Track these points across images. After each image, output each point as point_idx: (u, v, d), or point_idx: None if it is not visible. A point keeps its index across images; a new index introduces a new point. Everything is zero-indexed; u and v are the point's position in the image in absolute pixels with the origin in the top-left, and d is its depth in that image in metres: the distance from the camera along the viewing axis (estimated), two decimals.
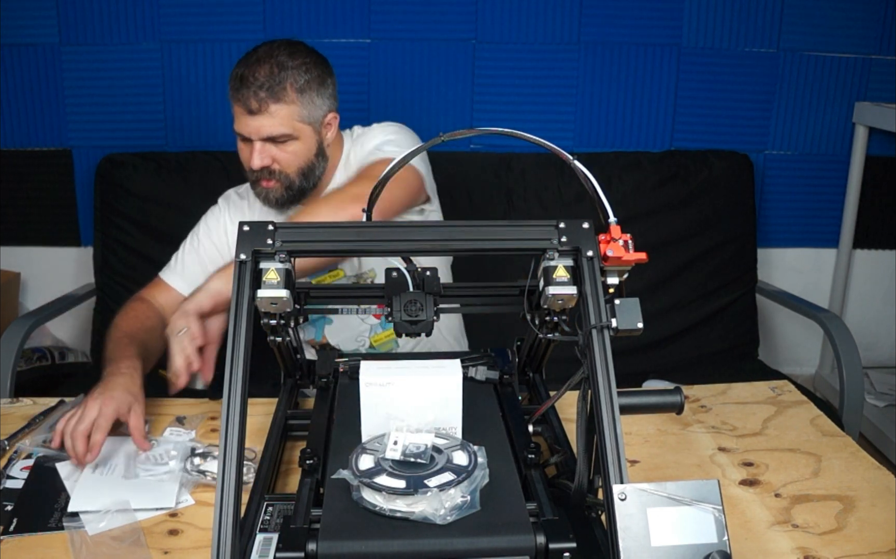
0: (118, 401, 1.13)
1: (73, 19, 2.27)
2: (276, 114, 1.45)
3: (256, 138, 1.47)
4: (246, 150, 1.51)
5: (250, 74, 1.44)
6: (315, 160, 1.53)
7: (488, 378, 1.13)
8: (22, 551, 0.91)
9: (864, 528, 0.98)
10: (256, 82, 1.43)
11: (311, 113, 1.49)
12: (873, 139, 2.48)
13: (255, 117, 1.44)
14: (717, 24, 2.39)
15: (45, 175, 2.39)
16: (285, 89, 1.44)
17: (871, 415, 2.41)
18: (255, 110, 1.44)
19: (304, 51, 1.50)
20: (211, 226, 1.64)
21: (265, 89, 1.43)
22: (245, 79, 1.44)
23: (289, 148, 1.48)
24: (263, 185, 1.52)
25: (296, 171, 1.51)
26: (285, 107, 1.45)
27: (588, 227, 0.87)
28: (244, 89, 1.44)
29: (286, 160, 1.49)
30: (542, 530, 0.78)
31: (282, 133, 1.46)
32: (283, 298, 0.86)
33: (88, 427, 1.08)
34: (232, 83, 1.47)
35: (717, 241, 2.34)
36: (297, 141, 1.49)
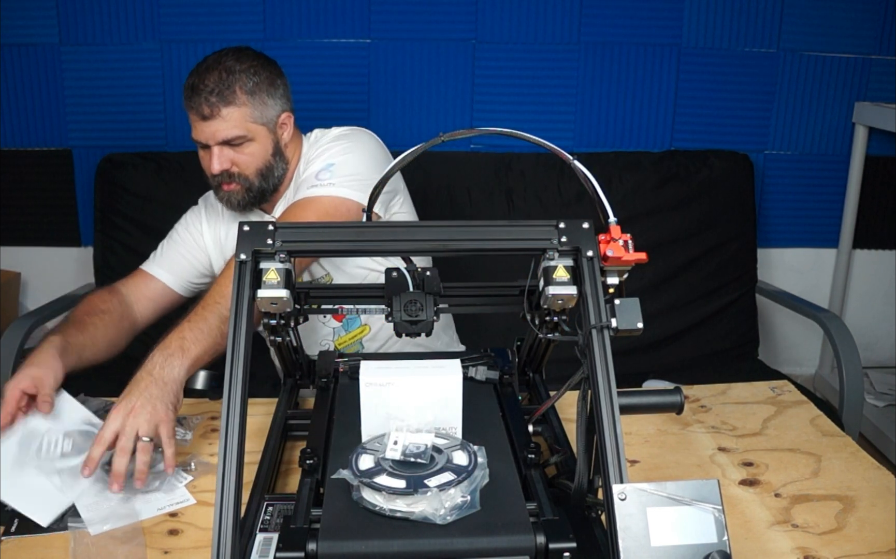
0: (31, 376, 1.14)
1: (73, 19, 2.27)
2: (228, 117, 1.48)
3: (213, 143, 1.51)
4: (206, 157, 1.55)
5: (200, 82, 1.48)
6: (273, 160, 1.55)
7: (488, 378, 1.13)
8: (22, 552, 0.91)
9: (864, 528, 0.98)
10: (206, 89, 1.47)
11: (262, 114, 1.52)
12: (873, 139, 2.48)
13: (209, 123, 1.49)
14: (717, 24, 2.39)
15: (45, 175, 2.39)
16: (234, 92, 1.48)
17: (871, 415, 2.41)
18: (208, 116, 1.48)
19: (251, 55, 1.54)
20: (189, 222, 1.70)
21: (215, 94, 1.47)
22: (196, 87, 1.49)
23: (245, 150, 1.52)
24: (224, 189, 1.55)
25: (254, 173, 1.54)
26: (236, 109, 1.48)
27: (588, 227, 0.87)
28: (195, 97, 1.48)
29: (244, 162, 1.52)
30: (542, 530, 0.78)
31: (236, 135, 1.50)
32: (283, 298, 0.86)
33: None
34: (185, 93, 1.52)
35: (717, 241, 2.34)
36: (252, 142, 1.52)
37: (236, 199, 1.56)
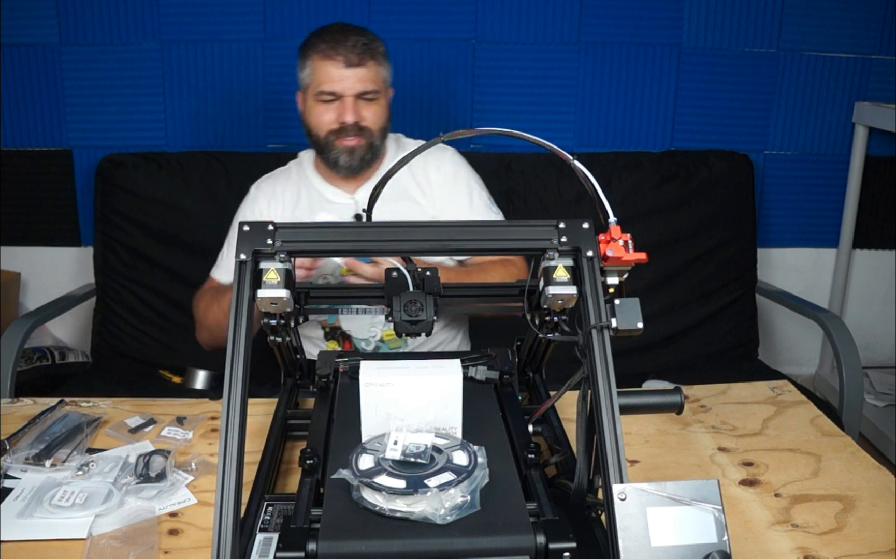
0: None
1: (73, 19, 2.27)
2: (371, 68, 1.59)
3: (350, 93, 1.58)
4: (328, 111, 1.61)
5: (345, 34, 1.58)
6: (387, 122, 1.66)
7: (488, 378, 1.13)
8: (22, 552, 0.91)
9: (864, 528, 0.98)
10: (353, 40, 1.58)
11: (388, 77, 1.65)
12: (873, 139, 2.48)
13: (354, 70, 1.57)
14: (717, 24, 2.39)
15: (45, 175, 2.39)
16: (378, 50, 1.61)
17: (871, 415, 2.41)
18: (355, 63, 1.57)
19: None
20: (247, 213, 1.76)
21: (363, 46, 1.58)
22: (343, 35, 1.58)
23: (374, 105, 1.61)
24: (347, 143, 1.61)
25: (378, 130, 1.63)
26: (377, 65, 1.60)
27: (588, 227, 0.87)
28: (342, 45, 1.57)
29: (372, 118, 1.61)
30: (542, 530, 0.78)
31: (373, 88, 1.60)
32: (283, 298, 0.86)
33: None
34: (321, 44, 1.60)
35: (717, 241, 2.34)
36: (381, 100, 1.63)
37: (358, 154, 1.62)
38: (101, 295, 2.24)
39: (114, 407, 1.27)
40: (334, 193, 1.69)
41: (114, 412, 1.25)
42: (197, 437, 1.18)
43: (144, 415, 1.23)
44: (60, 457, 1.08)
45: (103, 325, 2.24)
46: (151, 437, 1.17)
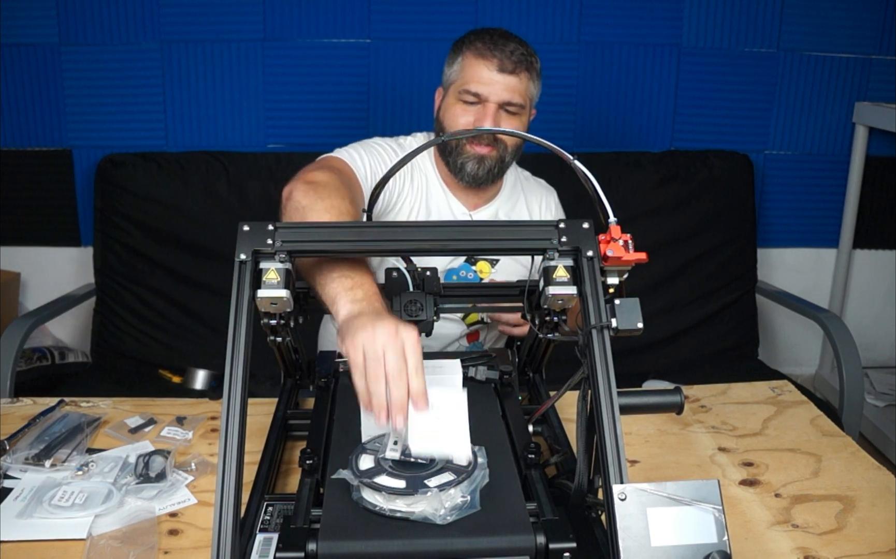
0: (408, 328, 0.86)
1: (73, 19, 2.27)
2: (523, 80, 1.48)
3: (495, 100, 1.46)
4: (467, 112, 1.48)
5: (505, 40, 1.48)
6: (522, 145, 1.57)
7: (488, 378, 1.13)
8: (22, 552, 0.91)
9: (864, 528, 0.98)
10: (512, 47, 1.46)
11: (535, 96, 1.54)
12: (873, 139, 2.48)
13: (506, 77, 1.46)
14: (717, 24, 2.39)
15: (45, 175, 2.39)
16: (535, 65, 1.50)
17: (871, 415, 2.41)
18: (509, 70, 1.45)
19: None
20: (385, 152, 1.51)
21: (521, 55, 1.47)
22: (503, 39, 1.48)
23: (514, 121, 1.50)
24: (479, 150, 1.50)
25: (513, 146, 1.53)
26: (529, 80, 1.49)
27: (588, 227, 0.87)
28: (502, 48, 1.46)
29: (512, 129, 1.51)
30: (542, 530, 0.78)
31: (519, 102, 1.48)
32: (283, 298, 0.86)
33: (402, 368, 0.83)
34: (478, 42, 1.48)
35: (717, 241, 2.34)
36: (523, 116, 1.51)
37: (487, 165, 1.51)
38: (100, 295, 2.24)
39: (114, 407, 1.27)
40: (455, 204, 1.57)
41: (114, 412, 1.25)
42: (197, 437, 1.18)
43: (144, 415, 1.23)
44: (60, 458, 1.08)
45: (103, 325, 2.24)
46: (151, 437, 1.17)
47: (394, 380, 0.82)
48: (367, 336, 0.83)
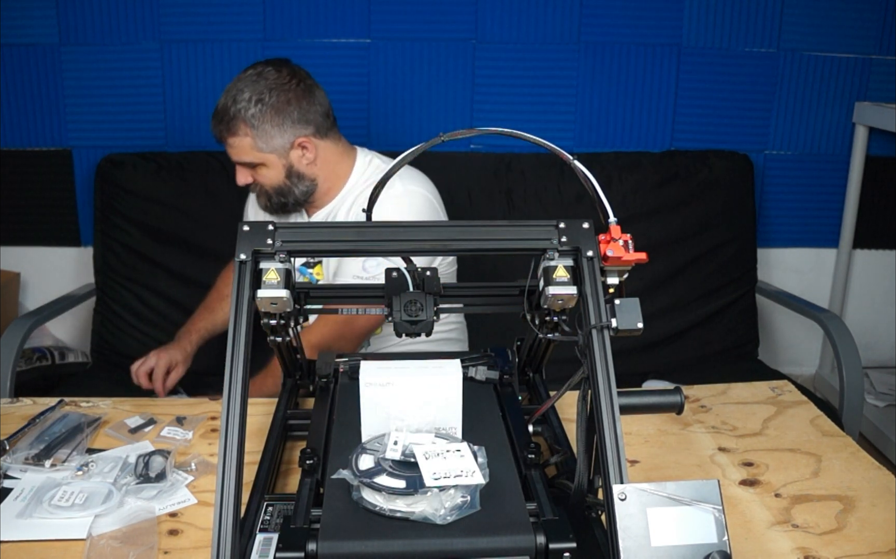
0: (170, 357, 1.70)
1: (73, 19, 2.27)
2: (234, 144, 1.59)
3: (234, 161, 1.63)
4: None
5: (218, 106, 1.59)
6: (287, 182, 1.63)
7: (488, 378, 1.13)
8: (22, 552, 0.91)
9: (864, 528, 0.98)
10: (218, 116, 1.58)
11: (267, 143, 1.58)
12: (873, 139, 2.48)
13: (225, 145, 1.61)
14: (717, 24, 2.39)
15: (45, 175, 2.39)
16: (237, 124, 1.57)
17: (871, 415, 2.41)
18: (220, 140, 1.61)
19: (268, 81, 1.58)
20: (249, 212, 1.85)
21: (223, 123, 1.57)
22: (215, 112, 1.59)
23: (259, 171, 1.62)
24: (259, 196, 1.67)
25: (272, 190, 1.64)
26: (240, 139, 1.58)
27: (588, 227, 0.87)
28: (213, 121, 1.60)
29: (260, 179, 1.63)
30: (542, 530, 0.78)
31: (246, 160, 1.60)
32: (283, 298, 0.86)
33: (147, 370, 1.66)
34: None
35: (717, 241, 2.34)
36: (263, 166, 1.61)
37: (265, 205, 1.67)
38: (100, 295, 2.24)
39: (114, 407, 1.27)
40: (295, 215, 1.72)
41: (114, 412, 1.25)
42: (197, 437, 1.18)
43: (144, 415, 1.23)
44: (60, 458, 1.08)
45: (103, 325, 2.24)
46: (151, 437, 1.17)
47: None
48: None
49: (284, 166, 1.61)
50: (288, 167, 1.61)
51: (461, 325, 1.84)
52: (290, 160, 1.61)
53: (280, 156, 1.60)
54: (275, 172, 1.60)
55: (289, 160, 1.61)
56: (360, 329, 1.63)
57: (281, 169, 1.61)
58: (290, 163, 1.61)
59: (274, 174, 1.61)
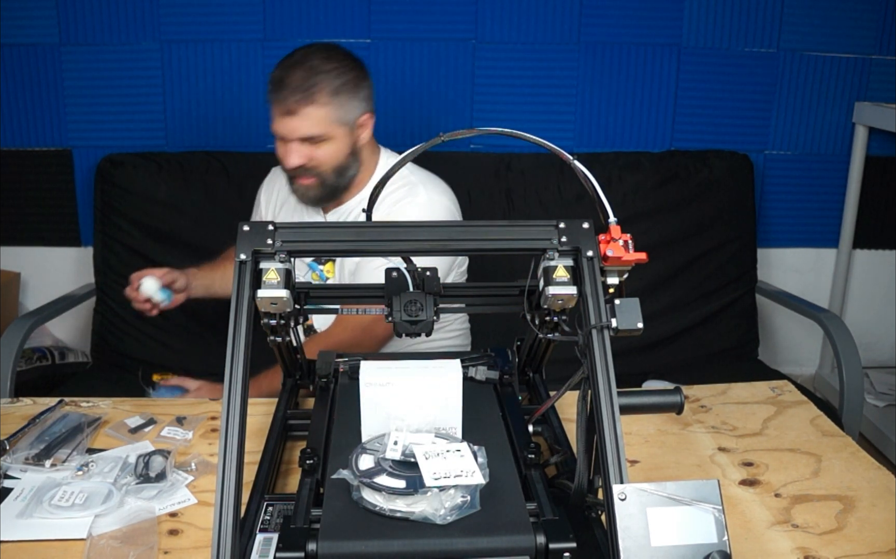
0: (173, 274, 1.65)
1: (73, 19, 2.27)
2: (310, 116, 1.52)
3: (292, 138, 1.54)
4: (282, 149, 1.58)
5: (286, 77, 1.52)
6: (348, 159, 1.60)
7: (488, 378, 1.13)
8: (22, 552, 0.91)
9: (864, 528, 0.98)
10: (291, 85, 1.51)
11: (344, 115, 1.56)
12: (873, 139, 2.48)
13: (292, 119, 1.52)
14: (717, 24, 2.39)
15: (45, 175, 2.39)
16: (318, 92, 1.52)
17: (871, 415, 2.41)
18: (292, 112, 1.51)
19: (339, 55, 1.58)
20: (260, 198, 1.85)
21: (300, 92, 1.51)
22: (281, 82, 1.52)
23: (323, 147, 1.56)
24: (300, 183, 1.60)
25: (331, 170, 1.58)
26: (318, 109, 1.52)
27: (588, 227, 0.87)
28: (280, 92, 1.52)
29: (321, 159, 1.57)
30: (542, 530, 0.78)
31: (316, 134, 1.53)
32: (283, 298, 0.86)
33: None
34: (269, 86, 1.55)
35: (717, 241, 2.34)
36: (331, 141, 1.56)
37: (312, 194, 1.61)
38: (101, 295, 2.24)
39: (114, 407, 1.27)
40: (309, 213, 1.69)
41: (114, 412, 1.25)
42: (197, 437, 1.18)
43: (144, 415, 1.23)
44: (60, 458, 1.09)
45: (103, 325, 2.24)
46: (151, 437, 1.17)
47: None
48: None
49: (350, 143, 1.59)
50: (352, 144, 1.59)
51: (465, 331, 1.83)
52: (355, 136, 1.60)
53: (349, 131, 1.58)
54: (340, 148, 1.57)
55: (354, 136, 1.59)
56: (378, 336, 1.61)
57: (347, 145, 1.58)
58: (354, 139, 1.59)
59: (339, 150, 1.57)
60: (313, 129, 1.53)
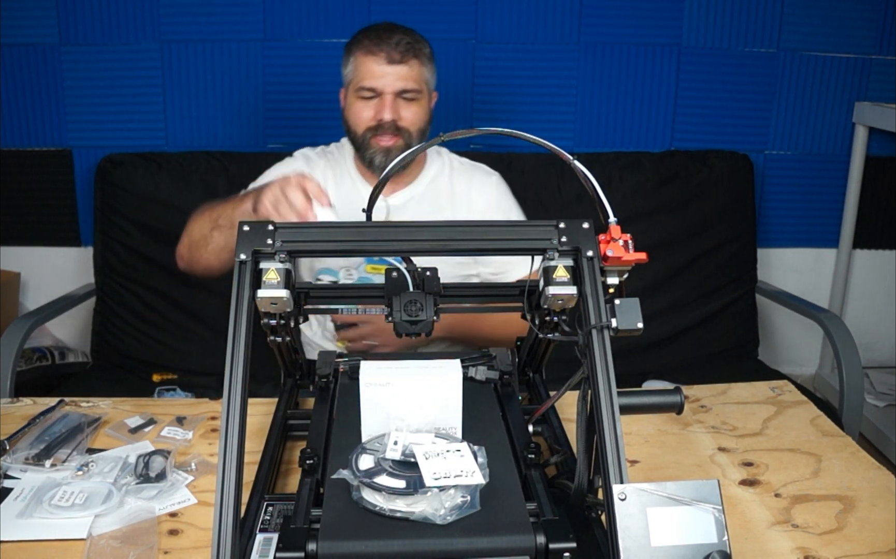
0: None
1: (73, 19, 2.27)
2: (413, 67, 1.56)
3: (390, 90, 1.55)
4: (367, 108, 1.58)
5: (391, 32, 1.57)
6: (427, 127, 1.63)
7: (488, 378, 1.13)
8: (22, 552, 0.91)
9: (864, 528, 0.98)
10: (397, 38, 1.56)
11: (431, 80, 1.63)
12: (873, 139, 2.48)
13: (395, 67, 1.55)
14: (717, 24, 2.39)
15: (45, 175, 2.39)
16: (423, 49, 1.59)
17: (871, 415, 2.41)
18: (397, 61, 1.55)
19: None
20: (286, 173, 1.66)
21: (407, 44, 1.56)
22: (388, 32, 1.57)
23: (414, 106, 1.58)
24: (383, 143, 1.58)
25: (416, 131, 1.59)
26: (420, 65, 1.58)
27: (588, 227, 0.87)
28: (386, 41, 1.55)
29: (411, 118, 1.58)
30: (542, 530, 0.78)
31: (415, 87, 1.57)
32: (283, 298, 0.86)
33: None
34: (364, 40, 1.58)
35: (717, 241, 2.34)
36: (419, 102, 1.59)
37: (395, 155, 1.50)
38: (101, 295, 2.24)
39: (114, 407, 1.27)
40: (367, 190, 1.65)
41: (114, 412, 1.25)
42: (197, 437, 1.18)
43: (144, 415, 1.23)
44: (60, 458, 1.08)
45: (103, 325, 2.24)
46: (151, 437, 1.17)
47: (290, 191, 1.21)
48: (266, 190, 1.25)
49: (428, 111, 1.63)
50: (429, 113, 1.64)
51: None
52: (431, 106, 1.65)
53: (429, 99, 1.63)
54: (424, 112, 1.61)
55: (430, 105, 1.64)
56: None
57: (427, 112, 1.62)
58: (431, 107, 1.65)
59: (423, 114, 1.61)
60: (414, 82, 1.56)
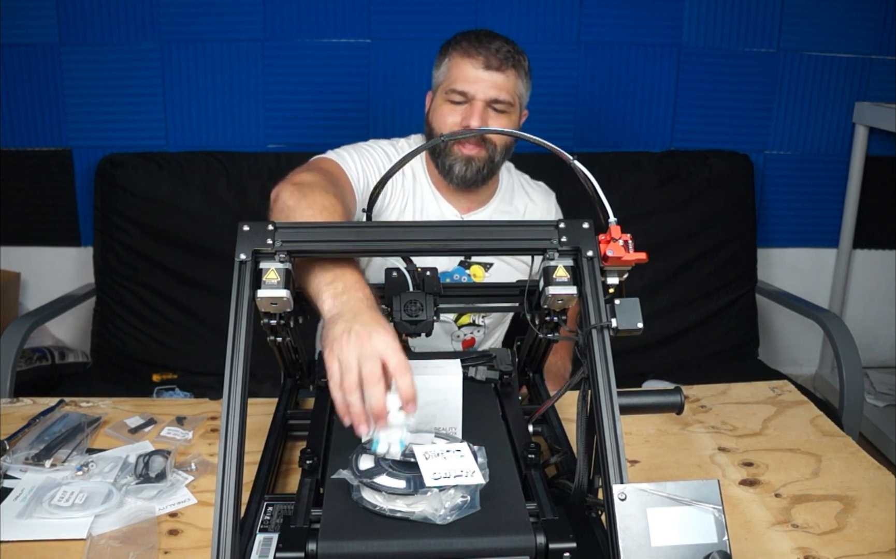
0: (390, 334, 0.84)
1: (73, 19, 2.27)
2: (510, 78, 1.47)
3: (482, 97, 1.45)
4: (454, 112, 1.48)
5: (490, 38, 1.48)
6: (512, 145, 1.56)
7: (488, 378, 1.13)
8: (22, 552, 0.91)
9: (864, 528, 0.98)
10: (498, 44, 1.47)
11: (525, 96, 1.54)
12: (873, 139, 2.48)
13: (492, 74, 1.45)
14: (717, 24, 2.39)
15: (45, 175, 2.39)
16: (522, 62, 1.50)
17: (871, 415, 2.41)
18: (495, 67, 1.45)
19: None
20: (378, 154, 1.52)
21: (507, 52, 1.47)
22: (488, 38, 1.48)
23: (503, 119, 1.49)
24: (466, 151, 1.48)
25: (502, 146, 1.51)
26: (517, 77, 1.49)
27: (588, 227, 0.87)
28: (487, 46, 1.46)
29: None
30: (542, 530, 0.78)
31: (508, 98, 1.47)
32: (283, 298, 0.86)
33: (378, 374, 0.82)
34: (463, 42, 1.49)
35: (717, 241, 2.34)
36: (512, 114, 1.50)
37: (476, 165, 1.49)
38: (100, 295, 2.24)
39: (114, 407, 1.27)
40: (447, 207, 1.54)
41: (114, 412, 1.25)
42: (197, 437, 1.18)
43: (144, 415, 1.23)
44: (60, 458, 1.09)
45: (103, 325, 2.24)
46: (151, 437, 1.17)
47: (369, 386, 0.80)
48: (340, 346, 0.82)
49: (518, 127, 1.54)
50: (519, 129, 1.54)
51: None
52: (521, 121, 1.57)
53: (519, 115, 1.55)
54: (514, 127, 1.51)
55: (521, 121, 1.57)
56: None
57: (518, 128, 1.53)
58: (520, 125, 1.56)
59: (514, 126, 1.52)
60: (508, 93, 1.47)
